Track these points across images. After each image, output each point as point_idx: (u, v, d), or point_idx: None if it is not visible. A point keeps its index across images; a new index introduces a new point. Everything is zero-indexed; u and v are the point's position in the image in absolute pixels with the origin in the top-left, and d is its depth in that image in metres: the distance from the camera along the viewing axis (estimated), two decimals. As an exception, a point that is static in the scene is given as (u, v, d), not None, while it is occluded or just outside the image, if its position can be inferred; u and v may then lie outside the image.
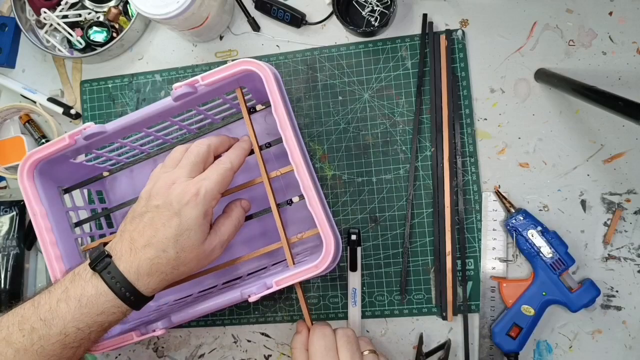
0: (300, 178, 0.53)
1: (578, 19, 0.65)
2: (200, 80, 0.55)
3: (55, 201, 0.63)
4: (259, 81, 0.54)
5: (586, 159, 0.64)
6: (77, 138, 0.58)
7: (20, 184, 0.60)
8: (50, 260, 0.59)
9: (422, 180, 0.67)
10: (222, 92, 0.58)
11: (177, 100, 0.56)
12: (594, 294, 0.60)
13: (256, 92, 0.60)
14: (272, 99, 0.54)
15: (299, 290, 0.57)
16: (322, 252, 0.52)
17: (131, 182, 0.72)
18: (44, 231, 0.60)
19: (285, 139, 0.53)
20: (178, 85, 0.55)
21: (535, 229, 0.62)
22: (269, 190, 0.57)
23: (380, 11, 0.67)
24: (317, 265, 0.53)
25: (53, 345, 0.49)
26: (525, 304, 0.62)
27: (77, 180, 0.67)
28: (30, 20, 0.76)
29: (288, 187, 0.67)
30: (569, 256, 0.61)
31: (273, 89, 0.54)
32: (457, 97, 0.67)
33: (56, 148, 0.59)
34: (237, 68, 0.54)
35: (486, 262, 0.65)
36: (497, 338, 0.62)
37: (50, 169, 0.62)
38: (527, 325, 0.61)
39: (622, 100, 0.48)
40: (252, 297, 0.53)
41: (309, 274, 0.53)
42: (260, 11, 0.71)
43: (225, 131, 0.68)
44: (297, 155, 0.53)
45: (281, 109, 0.53)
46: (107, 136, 0.59)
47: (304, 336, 0.56)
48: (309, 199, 0.53)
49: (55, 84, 0.77)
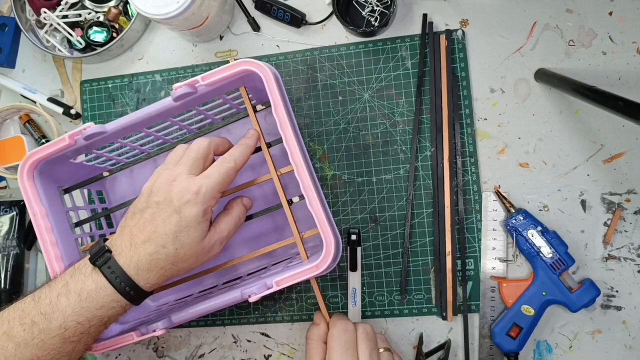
0: (300, 178, 0.53)
1: (578, 19, 0.65)
2: (200, 81, 0.55)
3: (55, 201, 0.63)
4: (259, 81, 0.54)
5: (586, 159, 0.64)
6: (77, 138, 0.58)
7: (20, 184, 0.60)
8: (50, 261, 0.59)
9: (422, 180, 0.67)
10: (223, 92, 0.58)
11: (177, 100, 0.56)
12: (594, 294, 0.60)
13: (256, 92, 0.60)
14: (272, 99, 0.54)
15: (315, 285, 0.58)
16: (323, 252, 0.52)
17: (131, 182, 0.72)
18: (44, 231, 0.60)
19: (285, 139, 0.53)
20: (178, 85, 0.55)
21: (535, 229, 0.62)
22: (278, 187, 0.57)
23: (380, 11, 0.67)
24: (318, 265, 0.52)
25: (53, 339, 0.49)
26: (525, 304, 0.62)
27: (77, 180, 0.67)
28: (30, 20, 0.76)
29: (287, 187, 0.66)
30: (569, 256, 0.61)
31: (273, 89, 0.54)
32: (457, 97, 0.67)
33: (56, 148, 0.59)
34: (237, 68, 0.54)
35: (486, 262, 0.65)
36: (497, 338, 0.62)
37: (51, 169, 0.62)
38: (527, 325, 0.61)
39: (622, 100, 0.48)
40: (253, 297, 0.53)
41: (309, 274, 0.53)
42: (260, 11, 0.71)
43: (225, 131, 0.68)
44: (297, 155, 0.53)
45: (281, 109, 0.53)
46: (107, 136, 0.59)
47: (322, 329, 0.56)
48: (309, 199, 0.53)
49: (55, 84, 0.77)
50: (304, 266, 0.53)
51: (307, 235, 0.58)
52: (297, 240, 0.57)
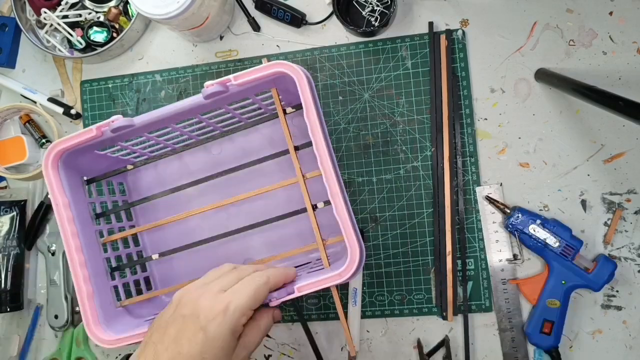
0: (329, 184, 0.52)
1: (578, 19, 0.65)
2: (232, 80, 0.55)
3: (78, 192, 0.62)
4: (291, 83, 0.54)
5: (586, 159, 0.64)
6: (104, 130, 0.58)
7: (45, 173, 0.59)
8: (71, 252, 0.59)
9: (422, 180, 0.67)
10: (253, 93, 0.58)
11: (207, 98, 0.55)
12: (611, 268, 0.60)
13: (286, 93, 0.60)
14: (305, 103, 0.53)
15: (335, 294, 0.57)
16: (347, 260, 0.51)
17: (155, 177, 0.72)
18: (66, 222, 0.59)
19: (315, 144, 0.53)
20: (210, 83, 0.55)
21: (535, 222, 0.62)
22: (304, 191, 0.57)
23: (380, 11, 0.67)
24: (341, 274, 0.51)
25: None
26: (549, 297, 0.61)
27: (99, 171, 0.66)
28: (31, 20, 0.76)
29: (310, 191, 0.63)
30: (575, 239, 0.61)
31: (306, 93, 0.53)
32: (457, 97, 0.66)
33: (83, 139, 0.58)
34: (271, 70, 0.54)
35: (492, 256, 0.65)
36: (533, 338, 0.62)
37: (75, 160, 0.61)
38: (557, 318, 0.61)
39: (622, 100, 0.48)
40: (273, 302, 0.52)
41: (332, 282, 0.52)
42: (260, 11, 0.71)
43: (254, 130, 0.67)
44: (327, 162, 0.52)
45: (313, 113, 0.53)
46: (134, 130, 0.59)
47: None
48: (335, 206, 0.52)
49: (55, 84, 0.77)
50: (327, 273, 0.52)
51: (330, 242, 0.57)
52: (319, 246, 0.57)
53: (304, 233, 0.66)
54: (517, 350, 0.64)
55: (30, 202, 0.76)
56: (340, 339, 0.68)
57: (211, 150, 0.70)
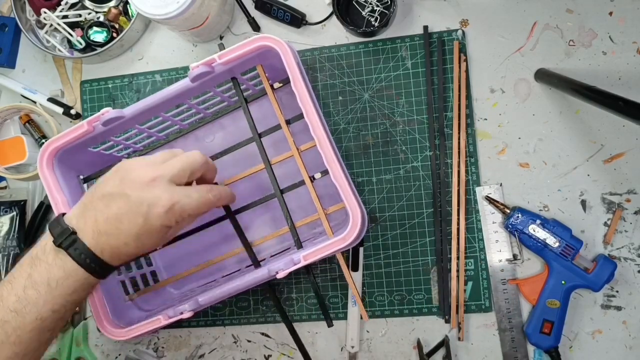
0: (323, 151, 0.52)
1: (578, 19, 0.65)
2: (217, 60, 0.55)
3: (75, 190, 0.63)
4: (277, 58, 0.53)
5: (586, 159, 0.64)
6: (95, 124, 0.58)
7: (40, 172, 0.60)
8: None
9: (422, 180, 0.67)
10: (239, 72, 0.58)
11: (194, 80, 0.55)
12: (611, 267, 0.60)
13: (273, 70, 0.59)
14: (291, 73, 0.53)
15: (341, 260, 0.57)
16: (349, 224, 0.52)
17: None
18: None
19: (305, 112, 0.52)
20: (195, 64, 0.55)
21: (535, 222, 0.62)
22: (299, 163, 0.57)
23: (380, 11, 0.67)
24: (345, 238, 0.52)
25: (30, 333, 0.49)
26: (549, 297, 0.61)
27: (95, 169, 0.66)
28: (31, 21, 0.76)
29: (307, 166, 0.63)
30: (575, 239, 0.61)
31: (291, 63, 0.53)
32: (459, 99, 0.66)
33: (74, 135, 0.58)
34: (255, 44, 0.54)
35: (492, 256, 0.65)
36: (533, 338, 0.62)
37: (70, 158, 0.62)
38: (557, 318, 0.61)
39: (622, 100, 0.48)
40: (281, 273, 0.52)
41: (336, 247, 0.52)
42: (260, 11, 0.71)
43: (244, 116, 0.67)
44: (319, 129, 0.52)
45: (300, 82, 0.53)
46: (125, 121, 0.59)
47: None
48: (332, 171, 0.52)
49: (55, 84, 0.77)
50: (330, 240, 0.52)
51: (331, 210, 0.57)
52: (321, 216, 0.57)
53: (305, 206, 0.66)
54: (516, 350, 0.64)
55: (30, 202, 0.76)
56: (340, 339, 0.68)
57: (204, 139, 0.70)
